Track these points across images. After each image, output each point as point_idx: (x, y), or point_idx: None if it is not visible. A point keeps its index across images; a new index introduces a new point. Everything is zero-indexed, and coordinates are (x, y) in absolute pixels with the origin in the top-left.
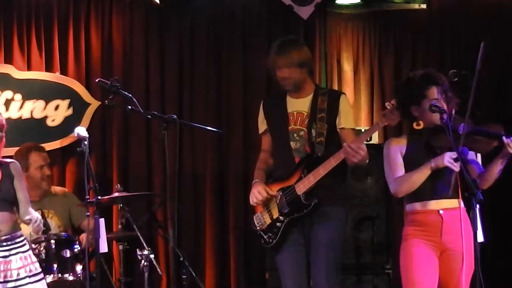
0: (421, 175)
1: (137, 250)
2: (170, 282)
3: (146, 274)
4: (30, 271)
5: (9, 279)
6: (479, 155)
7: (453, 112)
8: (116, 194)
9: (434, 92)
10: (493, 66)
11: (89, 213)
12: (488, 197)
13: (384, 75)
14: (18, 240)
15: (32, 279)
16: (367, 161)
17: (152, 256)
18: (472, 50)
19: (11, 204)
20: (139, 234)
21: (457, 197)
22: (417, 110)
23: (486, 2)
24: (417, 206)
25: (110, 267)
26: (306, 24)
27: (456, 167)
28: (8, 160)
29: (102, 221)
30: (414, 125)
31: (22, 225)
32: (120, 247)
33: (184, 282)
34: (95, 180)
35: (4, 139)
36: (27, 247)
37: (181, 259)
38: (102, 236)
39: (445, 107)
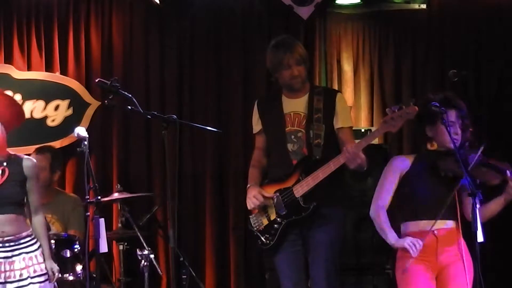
0: (384, 235)
1: (137, 250)
2: (170, 282)
3: (146, 274)
4: (35, 271)
5: (12, 279)
6: None
7: (467, 143)
8: (116, 194)
9: (452, 115)
10: (493, 67)
11: (89, 213)
12: (488, 197)
13: (384, 75)
14: (23, 240)
15: (36, 279)
16: (365, 168)
17: (152, 256)
18: (472, 50)
19: (19, 205)
20: (139, 234)
21: (451, 219)
22: (431, 130)
23: (486, 2)
24: (411, 226)
25: (110, 267)
26: (306, 24)
27: (414, 252)
28: (24, 156)
29: (102, 221)
30: (428, 145)
31: None
32: (120, 247)
33: (184, 282)
34: (95, 180)
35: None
36: (33, 247)
37: (181, 259)
38: (102, 236)
39: (459, 133)
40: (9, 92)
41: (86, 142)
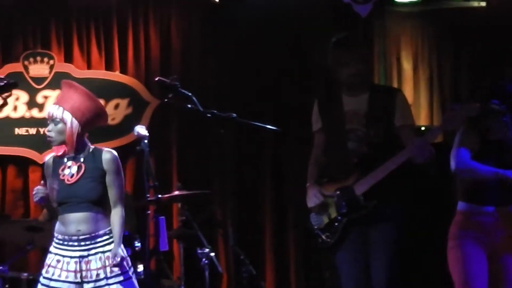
0: (487, 175)
1: (197, 248)
2: (230, 280)
3: (206, 272)
4: (111, 272)
5: (88, 279)
6: None
7: None
8: (176, 193)
9: None
10: None
11: (149, 212)
12: None
13: (443, 73)
14: (99, 239)
15: (111, 280)
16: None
17: (212, 254)
18: None
19: (95, 203)
20: (199, 232)
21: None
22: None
23: None
24: (472, 207)
25: (170, 265)
26: (364, 22)
27: None
28: (104, 148)
29: (162, 219)
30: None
31: None
32: (181, 245)
33: (244, 280)
34: (155, 178)
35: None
36: (110, 246)
37: (242, 257)
38: (163, 235)
39: None
40: None
41: (146, 141)
